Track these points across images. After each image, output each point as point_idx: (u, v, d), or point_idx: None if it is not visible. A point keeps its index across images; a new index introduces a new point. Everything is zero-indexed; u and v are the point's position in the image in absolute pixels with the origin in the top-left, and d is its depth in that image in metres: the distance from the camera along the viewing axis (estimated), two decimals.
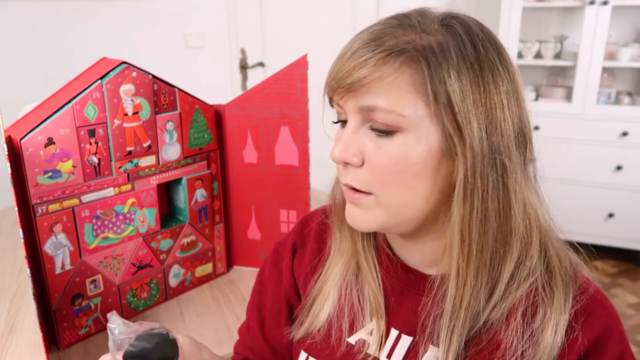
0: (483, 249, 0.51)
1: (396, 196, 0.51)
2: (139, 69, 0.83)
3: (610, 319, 0.52)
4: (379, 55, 0.48)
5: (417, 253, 0.58)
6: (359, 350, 0.59)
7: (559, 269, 0.53)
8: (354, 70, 0.49)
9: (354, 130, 0.52)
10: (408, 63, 0.48)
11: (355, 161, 0.52)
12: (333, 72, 0.52)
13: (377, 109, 0.49)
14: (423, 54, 0.48)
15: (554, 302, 0.51)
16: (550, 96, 2.70)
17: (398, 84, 0.48)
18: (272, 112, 0.98)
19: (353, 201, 0.54)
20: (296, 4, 2.70)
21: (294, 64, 0.95)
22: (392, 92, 0.48)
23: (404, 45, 0.48)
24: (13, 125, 0.82)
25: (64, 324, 0.83)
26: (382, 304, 0.59)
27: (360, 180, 0.52)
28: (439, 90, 0.47)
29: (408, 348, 0.57)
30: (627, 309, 2.31)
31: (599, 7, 2.40)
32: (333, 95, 0.53)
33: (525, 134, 0.51)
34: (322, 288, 0.63)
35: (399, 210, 0.52)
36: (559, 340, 0.50)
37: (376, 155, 0.51)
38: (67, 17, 2.26)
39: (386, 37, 0.49)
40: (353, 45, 0.51)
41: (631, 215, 2.58)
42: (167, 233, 0.94)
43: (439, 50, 0.48)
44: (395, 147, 0.50)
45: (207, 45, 2.63)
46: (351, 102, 0.51)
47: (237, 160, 1.03)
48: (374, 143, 0.51)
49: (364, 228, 0.55)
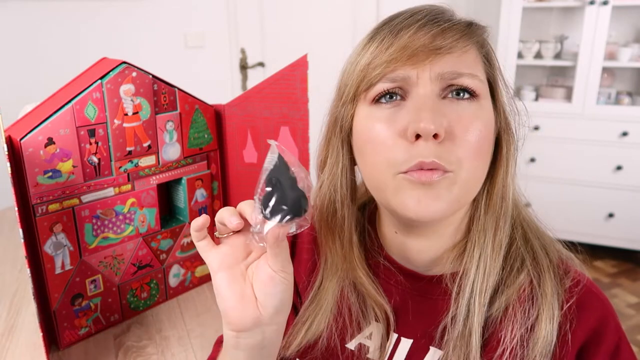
0: (489, 225, 0.54)
1: (474, 170, 0.49)
2: (139, 69, 0.83)
3: (605, 309, 0.53)
4: (457, 25, 0.50)
5: (421, 254, 0.57)
6: (360, 355, 0.58)
7: (545, 261, 0.54)
8: (438, 37, 0.49)
9: (432, 97, 0.48)
10: (477, 38, 0.52)
11: (448, 127, 0.47)
12: (396, 45, 0.49)
13: (463, 74, 0.49)
14: (484, 35, 0.53)
15: (546, 294, 0.52)
16: (550, 96, 2.70)
17: (474, 54, 0.51)
18: (272, 112, 0.98)
19: (431, 182, 0.47)
20: (296, 4, 2.70)
21: (294, 64, 0.95)
22: (472, 60, 0.51)
23: (468, 22, 0.52)
24: (13, 125, 0.82)
25: (64, 324, 0.83)
26: (386, 309, 0.58)
27: (447, 156, 0.47)
28: (496, 69, 0.54)
29: (409, 351, 0.56)
30: (627, 309, 2.31)
31: (599, 7, 2.41)
32: (401, 67, 0.49)
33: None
34: (316, 307, 0.60)
35: (470, 188, 0.50)
36: (554, 330, 0.50)
37: (464, 121, 0.48)
38: (67, 17, 2.26)
39: (444, 15, 0.52)
40: (414, 19, 0.50)
41: (631, 215, 2.58)
42: (167, 233, 0.94)
43: (487, 36, 0.54)
44: (478, 111, 0.50)
45: (207, 45, 2.63)
46: (431, 70, 0.48)
47: (237, 160, 1.03)
48: (453, 110, 0.49)
49: (439, 213, 0.48)
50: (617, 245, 2.65)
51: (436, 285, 0.56)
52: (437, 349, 0.54)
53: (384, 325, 0.58)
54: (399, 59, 0.49)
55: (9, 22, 2.15)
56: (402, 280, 0.59)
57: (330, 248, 0.60)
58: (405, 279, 0.58)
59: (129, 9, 2.40)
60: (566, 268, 0.55)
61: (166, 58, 2.46)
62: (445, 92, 0.49)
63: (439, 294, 0.56)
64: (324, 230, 0.60)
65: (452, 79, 0.49)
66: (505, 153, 0.53)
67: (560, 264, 0.55)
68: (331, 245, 0.60)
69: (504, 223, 0.54)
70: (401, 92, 0.50)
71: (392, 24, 0.51)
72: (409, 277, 0.58)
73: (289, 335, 0.61)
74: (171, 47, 2.53)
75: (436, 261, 0.57)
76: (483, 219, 0.54)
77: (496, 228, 0.53)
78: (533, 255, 0.55)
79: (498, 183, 0.54)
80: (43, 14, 2.20)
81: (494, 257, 0.53)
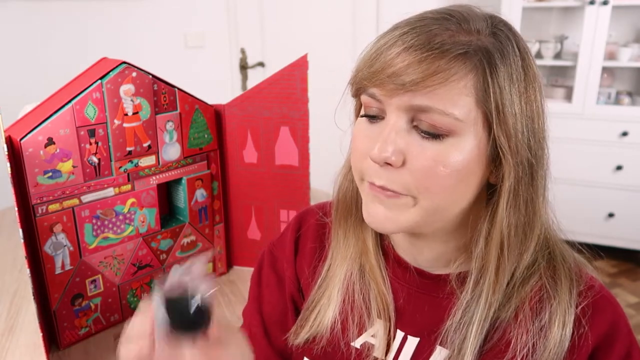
0: (515, 251, 0.52)
1: (436, 199, 0.49)
2: (139, 69, 0.83)
3: (617, 314, 0.53)
4: (442, 55, 0.46)
5: (427, 253, 0.57)
6: (366, 354, 0.58)
7: (563, 266, 0.54)
8: (411, 68, 0.46)
9: (396, 128, 0.48)
10: (472, 68, 0.46)
11: (396, 161, 0.48)
12: (376, 65, 0.48)
13: (432, 110, 0.46)
14: (486, 58, 0.47)
15: (559, 297, 0.52)
16: (550, 96, 2.70)
17: (459, 87, 0.46)
18: (272, 112, 0.98)
19: (383, 199, 0.50)
20: (296, 4, 2.70)
21: (294, 64, 0.95)
22: (451, 95, 0.46)
23: (466, 47, 0.46)
24: (13, 125, 0.82)
25: (64, 324, 0.83)
26: (390, 305, 0.58)
27: (399, 183, 0.49)
28: (497, 96, 0.47)
29: (415, 350, 0.56)
30: (627, 309, 2.31)
31: (599, 7, 2.40)
32: (374, 88, 0.49)
33: (547, 143, 0.53)
34: (325, 291, 0.61)
35: (435, 212, 0.50)
36: (567, 334, 0.50)
37: (421, 157, 0.48)
38: (66, 17, 2.26)
39: (444, 35, 0.47)
40: (405, 39, 0.47)
41: (631, 215, 2.58)
42: (167, 233, 0.94)
43: (498, 55, 0.47)
44: (443, 150, 0.47)
45: (207, 45, 2.63)
46: (399, 99, 0.47)
47: (237, 160, 1.03)
48: (418, 144, 0.48)
49: (390, 229, 0.52)
50: (617, 245, 2.65)
51: (443, 284, 0.56)
52: (444, 348, 0.54)
53: (386, 322, 0.58)
54: (374, 81, 0.49)
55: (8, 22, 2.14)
56: (409, 278, 0.59)
57: (347, 230, 0.61)
58: (412, 276, 0.58)
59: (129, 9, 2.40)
60: (579, 272, 0.54)
61: (166, 58, 2.46)
62: (415, 122, 0.48)
63: (447, 293, 0.56)
64: (341, 211, 0.62)
65: (419, 111, 0.47)
66: (508, 186, 0.49)
67: (576, 269, 0.54)
68: (345, 224, 0.61)
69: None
70: (381, 113, 0.51)
71: (391, 35, 0.49)
72: (417, 275, 0.58)
73: (298, 324, 0.62)
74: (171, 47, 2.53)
75: (443, 261, 0.57)
76: (495, 228, 0.53)
77: (501, 240, 0.52)
78: (549, 260, 0.54)
79: (491, 209, 0.51)
80: (43, 14, 2.20)
81: (510, 265, 0.52)
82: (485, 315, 0.52)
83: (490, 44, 0.47)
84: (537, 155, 0.50)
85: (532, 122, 0.49)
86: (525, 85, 0.48)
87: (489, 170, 0.50)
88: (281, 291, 0.67)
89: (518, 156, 0.48)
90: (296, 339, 0.62)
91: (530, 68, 0.49)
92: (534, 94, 0.49)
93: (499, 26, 0.50)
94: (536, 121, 0.50)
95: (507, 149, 0.48)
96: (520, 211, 0.50)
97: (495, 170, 0.50)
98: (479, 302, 0.52)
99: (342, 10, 2.72)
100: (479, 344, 0.52)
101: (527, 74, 0.49)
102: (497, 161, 0.49)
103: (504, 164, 0.49)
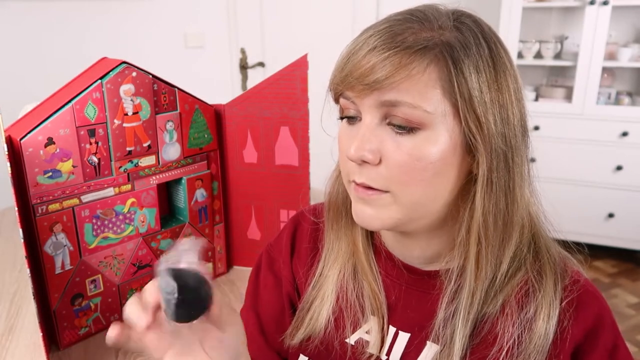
0: (495, 242, 0.52)
1: (416, 194, 0.50)
2: (139, 69, 0.83)
3: (602, 308, 0.54)
4: (404, 51, 0.47)
5: (417, 250, 0.58)
6: (360, 350, 0.59)
7: (549, 260, 0.55)
8: (376, 67, 0.48)
9: (371, 127, 0.50)
10: (434, 59, 0.48)
11: (372, 159, 0.50)
12: (346, 69, 0.50)
13: (401, 104, 0.48)
14: (448, 51, 0.48)
15: (544, 291, 0.52)
16: (550, 96, 2.70)
17: (424, 80, 0.47)
18: (272, 112, 0.98)
19: (366, 199, 0.52)
20: (296, 4, 2.70)
21: (294, 64, 0.95)
22: (418, 88, 0.48)
23: (427, 42, 0.48)
24: (13, 125, 0.82)
25: (64, 324, 0.83)
26: (383, 302, 0.59)
27: (377, 179, 0.51)
28: (463, 86, 0.48)
29: (406, 345, 0.57)
30: (627, 309, 2.31)
31: (599, 7, 2.40)
32: (347, 91, 0.51)
33: (526, 132, 0.53)
34: (319, 292, 0.62)
35: (416, 207, 0.51)
36: (552, 327, 0.51)
37: (396, 153, 0.49)
38: (66, 17, 2.26)
39: (406, 33, 0.48)
40: (369, 42, 0.49)
41: (631, 215, 2.58)
42: (167, 233, 0.94)
43: (460, 47, 0.48)
44: (417, 144, 0.49)
45: (207, 45, 2.63)
46: (370, 98, 0.49)
47: (237, 160, 1.03)
48: (392, 140, 0.50)
49: (376, 226, 0.53)
50: (617, 245, 2.65)
51: (433, 280, 0.57)
52: (434, 343, 0.55)
53: (379, 319, 0.59)
54: (351, 85, 0.50)
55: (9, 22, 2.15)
56: (400, 275, 0.59)
57: (339, 230, 0.62)
58: (403, 272, 0.59)
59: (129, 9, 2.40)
60: (564, 267, 0.55)
61: (166, 58, 2.46)
62: (389, 119, 0.50)
63: (436, 289, 0.56)
64: (332, 213, 0.63)
65: (390, 106, 0.49)
66: (482, 174, 0.50)
67: (561, 263, 0.55)
68: (337, 226, 0.62)
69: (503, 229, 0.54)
70: (358, 114, 0.52)
71: (358, 40, 0.51)
72: (407, 271, 0.59)
73: (294, 325, 0.63)
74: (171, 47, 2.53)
75: (433, 257, 0.58)
76: (474, 221, 0.54)
77: (479, 233, 0.53)
78: (535, 254, 0.55)
79: (468, 201, 0.52)
80: (43, 14, 2.20)
81: (492, 256, 0.53)
82: (470, 305, 0.52)
83: (452, 38, 0.49)
84: (512, 144, 0.50)
85: (505, 110, 0.50)
86: (494, 75, 0.49)
87: (467, 162, 0.51)
88: (278, 292, 0.68)
89: (490, 145, 0.49)
90: (292, 340, 0.63)
91: (499, 57, 0.50)
92: (505, 82, 0.50)
93: (462, 19, 0.51)
94: (510, 109, 0.50)
95: (478, 138, 0.49)
96: (498, 200, 0.51)
97: (471, 161, 0.51)
98: (462, 292, 0.53)
99: (342, 10, 2.72)
100: (467, 338, 0.52)
101: (495, 63, 0.49)
102: (473, 151, 0.50)
103: (476, 153, 0.50)
